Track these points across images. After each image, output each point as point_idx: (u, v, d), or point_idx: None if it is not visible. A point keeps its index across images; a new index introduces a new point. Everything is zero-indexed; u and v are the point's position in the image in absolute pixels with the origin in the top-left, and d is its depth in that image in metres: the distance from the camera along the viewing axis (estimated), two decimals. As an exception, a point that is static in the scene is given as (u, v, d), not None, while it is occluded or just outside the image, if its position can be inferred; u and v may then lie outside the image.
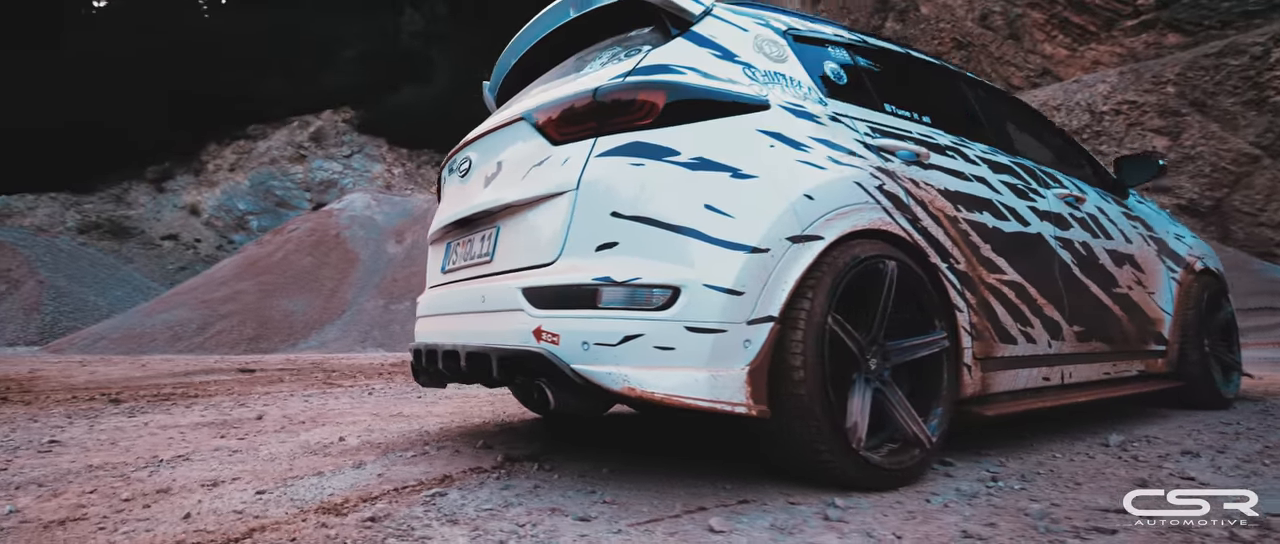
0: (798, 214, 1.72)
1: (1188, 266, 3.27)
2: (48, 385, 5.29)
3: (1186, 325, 3.16)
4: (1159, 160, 3.10)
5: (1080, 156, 3.16)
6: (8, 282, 16.16)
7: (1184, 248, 3.32)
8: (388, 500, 1.65)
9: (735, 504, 1.61)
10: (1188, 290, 3.22)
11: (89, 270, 18.73)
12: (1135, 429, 2.70)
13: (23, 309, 15.18)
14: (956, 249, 2.12)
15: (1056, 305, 2.48)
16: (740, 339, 1.60)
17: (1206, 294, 3.30)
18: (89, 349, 10.98)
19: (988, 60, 22.78)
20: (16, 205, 33.14)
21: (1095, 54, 18.60)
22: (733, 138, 1.76)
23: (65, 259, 18.48)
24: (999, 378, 2.27)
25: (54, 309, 15.46)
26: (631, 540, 1.36)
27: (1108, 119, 16.72)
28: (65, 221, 34.02)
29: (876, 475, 1.75)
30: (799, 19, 2.29)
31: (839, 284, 1.74)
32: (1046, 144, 3.10)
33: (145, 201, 39.24)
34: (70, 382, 5.70)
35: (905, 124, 2.23)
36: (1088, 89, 17.30)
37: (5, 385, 5.30)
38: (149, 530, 1.42)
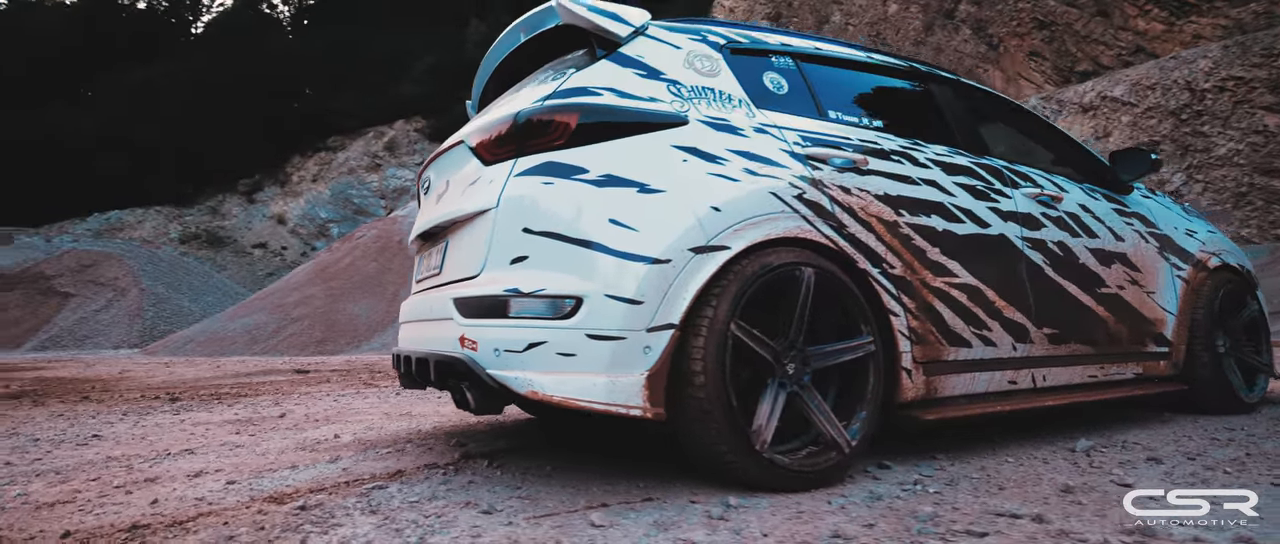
0: (702, 226, 1.80)
1: (1198, 264, 3.10)
2: (127, 385, 5.88)
3: (1195, 326, 3.01)
4: (1151, 154, 2.95)
5: (1072, 153, 3.06)
6: (115, 289, 17.85)
7: (1195, 244, 3.15)
8: (331, 492, 1.83)
9: (638, 501, 1.71)
10: (1197, 289, 3.06)
11: (185, 278, 20.40)
12: (1118, 434, 2.61)
13: (127, 315, 16.76)
14: (892, 254, 2.13)
15: (1020, 307, 2.44)
16: (640, 346, 1.70)
17: (1222, 292, 3.12)
18: (177, 351, 12.01)
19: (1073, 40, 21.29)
20: (127, 219, 36.32)
21: (1196, 27, 17.20)
22: (643, 154, 1.85)
23: (165, 268, 20.20)
24: (951, 381, 2.27)
25: (153, 314, 16.97)
26: (517, 532, 1.49)
27: (1210, 97, 15.44)
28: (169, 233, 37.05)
29: (783, 477, 1.81)
30: (745, 30, 2.35)
31: (745, 292, 1.81)
32: (1030, 142, 3.03)
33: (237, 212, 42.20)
34: (147, 382, 6.31)
35: (848, 130, 2.26)
36: (1186, 66, 16.05)
37: (92, 385, 5.93)
38: (117, 512, 1.65)
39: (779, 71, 2.30)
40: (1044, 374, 2.55)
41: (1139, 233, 2.94)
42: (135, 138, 33.23)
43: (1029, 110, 3.05)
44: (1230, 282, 3.18)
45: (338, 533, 1.48)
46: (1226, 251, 3.27)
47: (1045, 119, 3.08)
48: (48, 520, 1.63)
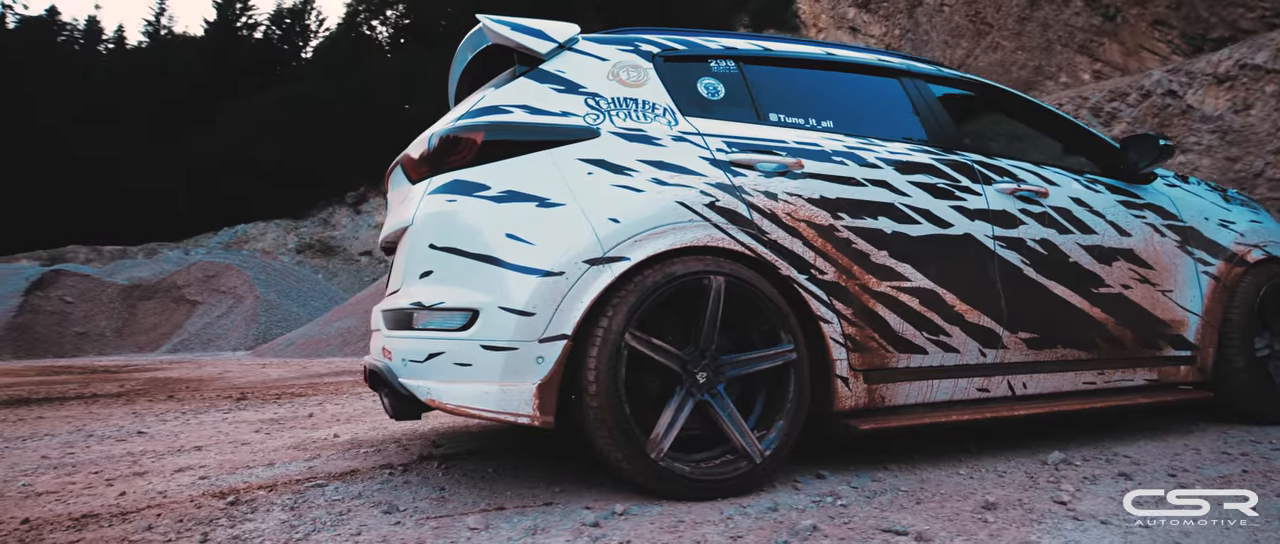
0: (599, 238, 1.83)
1: (1233, 258, 2.78)
2: (215, 385, 6.52)
3: (1228, 327, 2.71)
4: (1160, 140, 2.67)
5: (1078, 142, 2.83)
6: (234, 297, 19.76)
7: (1229, 236, 2.83)
8: (274, 489, 2.01)
9: (535, 506, 1.77)
10: (1232, 287, 2.75)
11: (295, 285, 22.23)
12: (1112, 446, 2.40)
13: (244, 320, 18.50)
14: (823, 259, 2.07)
15: (988, 311, 2.29)
16: (532, 356, 1.76)
17: (1266, 289, 2.78)
18: (281, 354, 13.13)
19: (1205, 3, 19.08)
20: (252, 232, 39.97)
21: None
22: (546, 169, 1.90)
23: (277, 276, 22.11)
24: (902, 390, 2.18)
25: (266, 319, 18.62)
26: (396, 532, 1.58)
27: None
28: (287, 244, 40.42)
29: (682, 485, 1.81)
30: (684, 36, 2.34)
31: (644, 302, 1.83)
32: (1029, 133, 2.82)
33: (345, 223, 45.43)
34: (234, 382, 6.96)
35: (786, 133, 2.21)
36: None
37: (186, 385, 6.62)
38: (86, 502, 1.89)
39: (717, 76, 2.28)
40: (1025, 381, 2.39)
41: (1153, 226, 2.68)
42: (257, 157, 36.47)
43: (1030, 100, 2.83)
44: (1276, 277, 2.83)
45: (245, 526, 1.64)
46: (1274, 243, 2.91)
47: (1050, 109, 2.86)
48: (23, 508, 1.88)
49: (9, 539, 1.57)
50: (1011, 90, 2.83)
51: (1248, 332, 2.73)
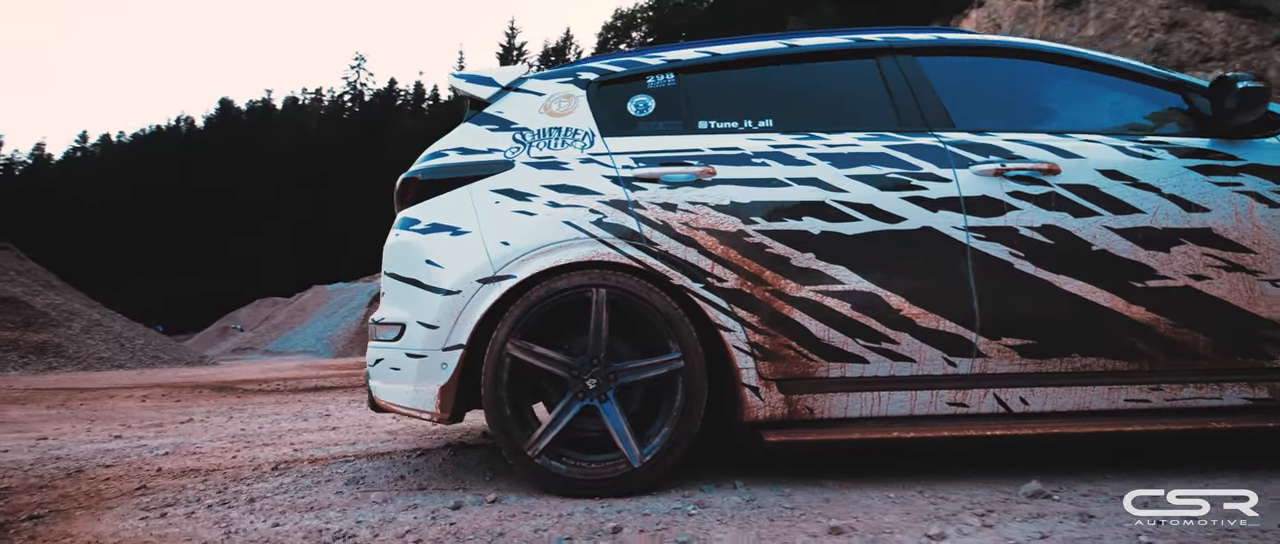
0: (491, 259, 2.08)
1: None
2: (297, 384, 7.88)
3: None
4: (1244, 81, 1.95)
5: (1144, 96, 2.24)
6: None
7: None
8: (272, 468, 2.63)
9: (448, 490, 2.11)
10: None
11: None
12: (1115, 482, 1.91)
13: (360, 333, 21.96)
14: (723, 266, 2.04)
15: (953, 314, 2.01)
16: (438, 363, 2.08)
17: None
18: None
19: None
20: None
21: None
22: (463, 202, 2.21)
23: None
24: (837, 401, 2.05)
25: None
26: (334, 496, 2.04)
27: None
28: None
29: (557, 482, 1.98)
30: (629, 58, 2.45)
31: (527, 314, 2.03)
32: (1053, 95, 2.31)
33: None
34: (306, 381, 8.42)
35: (703, 140, 2.20)
36: None
37: (276, 382, 8.18)
38: (25, 466, 2.70)
39: (651, 92, 2.35)
40: (1023, 396, 2.03)
41: (1255, 195, 2.02)
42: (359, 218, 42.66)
43: (1080, 56, 2.31)
44: None
45: (259, 486, 2.24)
46: None
47: (1108, 61, 2.29)
48: (278, 451, 2.77)
49: (256, 469, 2.40)
50: (1052, 47, 2.35)
51: None
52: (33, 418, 4.65)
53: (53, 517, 1.95)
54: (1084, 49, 2.35)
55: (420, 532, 1.67)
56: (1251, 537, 1.44)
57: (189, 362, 15.61)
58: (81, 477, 2.49)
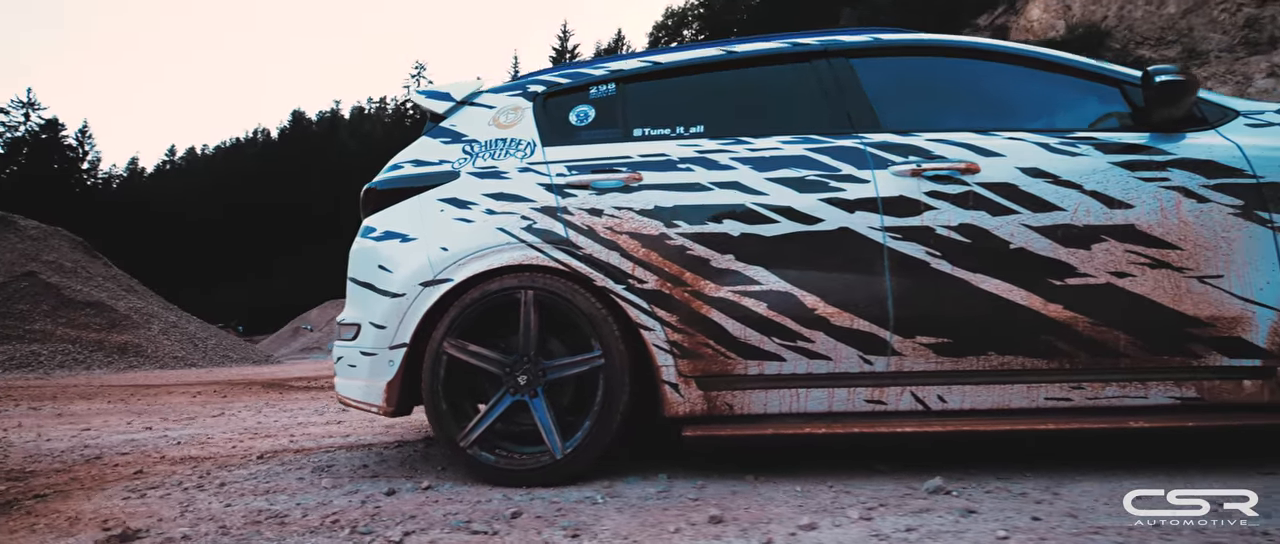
0: (432, 263, 2.25)
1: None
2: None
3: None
4: (1165, 74, 1.90)
5: (1080, 91, 2.21)
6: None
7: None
8: (257, 457, 2.86)
9: (398, 478, 2.28)
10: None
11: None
12: (1029, 480, 1.91)
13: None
14: (644, 268, 2.14)
15: (866, 313, 2.05)
16: (386, 360, 2.26)
17: None
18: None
19: None
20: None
21: None
22: (413, 211, 2.38)
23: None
24: (756, 398, 2.12)
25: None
26: (292, 481, 2.25)
27: None
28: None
29: (486, 471, 2.12)
30: (574, 68, 2.58)
31: (463, 315, 2.19)
32: (988, 92, 2.31)
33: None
34: None
35: (635, 147, 2.31)
36: None
37: (324, 380, 8.52)
38: (55, 453, 2.97)
39: (593, 102, 2.47)
40: (941, 394, 2.05)
41: (1182, 190, 1.98)
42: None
43: (1017, 52, 2.29)
44: None
45: (238, 472, 2.48)
46: None
47: (1047, 57, 2.27)
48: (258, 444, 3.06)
49: (244, 458, 2.68)
50: (990, 44, 2.34)
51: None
52: (91, 411, 5.13)
53: (54, 496, 2.22)
54: (1022, 45, 2.33)
55: (345, 513, 1.84)
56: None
57: (255, 361, 16.62)
58: (97, 463, 2.80)
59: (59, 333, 13.24)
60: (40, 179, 53.18)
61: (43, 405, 5.74)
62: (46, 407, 5.61)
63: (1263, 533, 1.43)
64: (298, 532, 1.70)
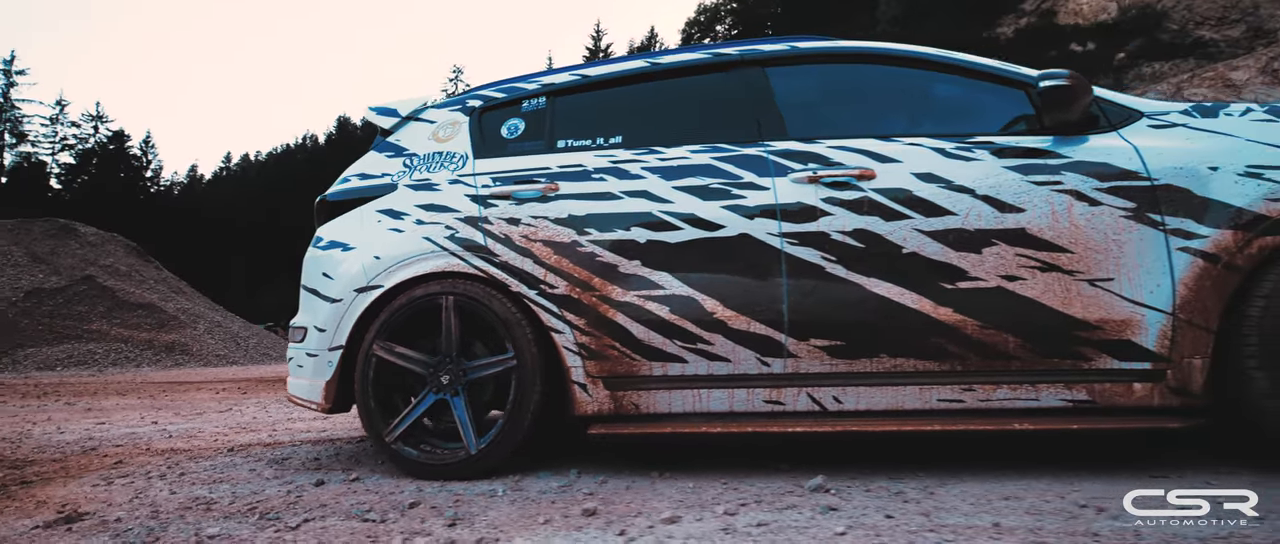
0: (365, 270, 2.41)
1: (1257, 224, 1.86)
2: None
3: (1246, 326, 1.85)
4: (1050, 79, 1.91)
5: (984, 95, 2.23)
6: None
7: (1261, 189, 1.88)
8: (225, 450, 3.07)
9: (334, 471, 2.45)
10: (1252, 267, 1.86)
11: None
12: (919, 480, 1.95)
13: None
14: (555, 274, 2.26)
15: (761, 316, 2.12)
16: (327, 361, 2.43)
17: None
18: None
19: None
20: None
21: None
22: (354, 222, 2.54)
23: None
24: (660, 398, 2.22)
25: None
26: (242, 472, 2.44)
27: None
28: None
29: (409, 465, 2.27)
30: (511, 83, 2.71)
31: (391, 318, 2.34)
32: (896, 97, 2.34)
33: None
34: None
35: (555, 159, 2.42)
36: None
37: None
38: (60, 444, 3.21)
39: (523, 115, 2.60)
40: (836, 396, 2.11)
41: (1073, 193, 1.99)
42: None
43: (924, 57, 2.32)
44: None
45: (216, 460, 2.69)
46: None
47: (952, 60, 2.29)
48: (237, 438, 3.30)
49: (216, 450, 2.92)
50: (902, 50, 2.37)
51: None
52: (117, 407, 5.51)
53: (39, 482, 2.47)
54: (937, 51, 2.35)
55: (267, 502, 2.01)
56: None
57: (295, 359, 17.36)
58: (91, 454, 3.06)
59: (113, 333, 14.07)
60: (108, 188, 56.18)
61: (79, 401, 6.18)
62: (82, 402, 6.04)
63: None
64: (216, 516, 1.87)
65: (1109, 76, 19.19)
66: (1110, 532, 1.48)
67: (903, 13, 27.63)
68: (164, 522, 1.83)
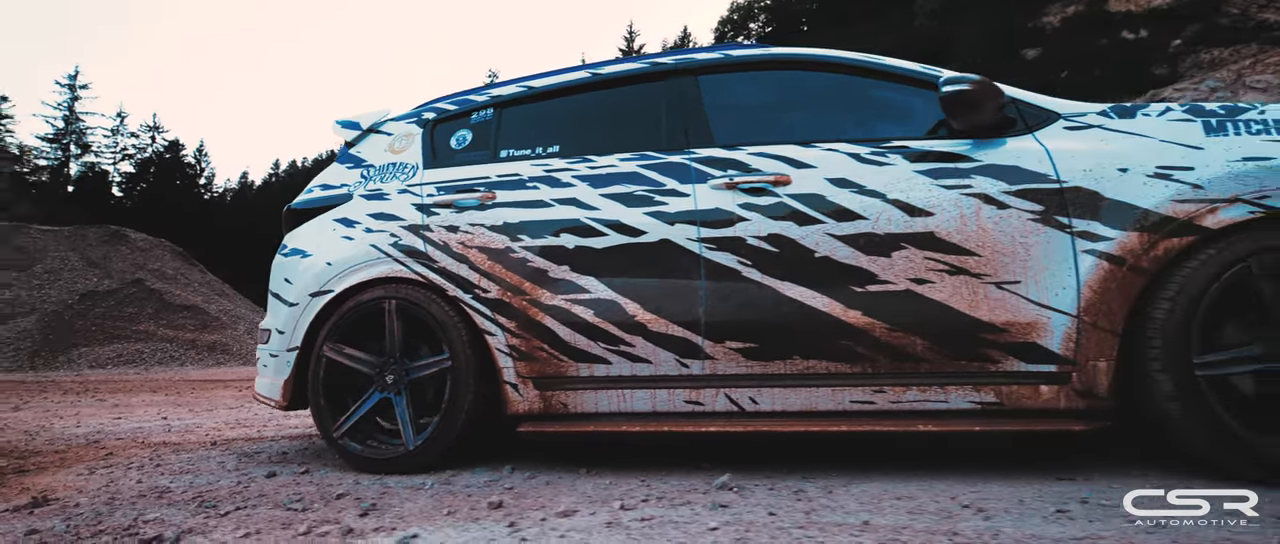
0: (319, 276, 2.55)
1: (1163, 225, 1.84)
2: None
3: (1150, 328, 1.84)
4: (943, 85, 1.92)
5: (910, 100, 2.25)
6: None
7: (1166, 191, 1.85)
8: (209, 444, 3.26)
9: (286, 464, 2.61)
10: (1155, 269, 1.85)
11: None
12: (830, 479, 1.99)
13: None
14: (488, 279, 2.36)
15: (678, 319, 2.19)
16: (286, 361, 2.59)
17: (1234, 271, 1.78)
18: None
19: None
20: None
21: None
22: (313, 230, 2.70)
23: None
24: (587, 398, 2.30)
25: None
26: (214, 464, 2.62)
27: None
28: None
29: (355, 460, 2.41)
30: (463, 96, 2.83)
31: (340, 322, 2.48)
32: (824, 103, 2.37)
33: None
34: None
35: (495, 168, 2.53)
36: None
37: None
38: (70, 438, 3.43)
39: (472, 126, 2.71)
40: (753, 397, 2.17)
41: (982, 197, 2.01)
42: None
43: (852, 63, 2.34)
44: (1254, 253, 1.77)
45: (196, 452, 2.88)
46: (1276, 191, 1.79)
47: (878, 66, 2.30)
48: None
49: (198, 444, 3.14)
50: (826, 55, 2.40)
51: (1186, 340, 1.80)
52: (144, 403, 5.85)
53: (34, 472, 2.68)
54: (865, 56, 2.38)
55: (216, 492, 2.17)
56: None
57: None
58: (92, 447, 3.30)
59: (160, 333, 14.81)
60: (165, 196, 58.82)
61: (111, 398, 6.57)
62: (113, 399, 6.42)
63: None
64: (163, 503, 2.03)
65: (1165, 65, 18.41)
66: (971, 531, 1.50)
67: (942, 5, 26.97)
68: (114, 507, 2.00)
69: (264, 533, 1.71)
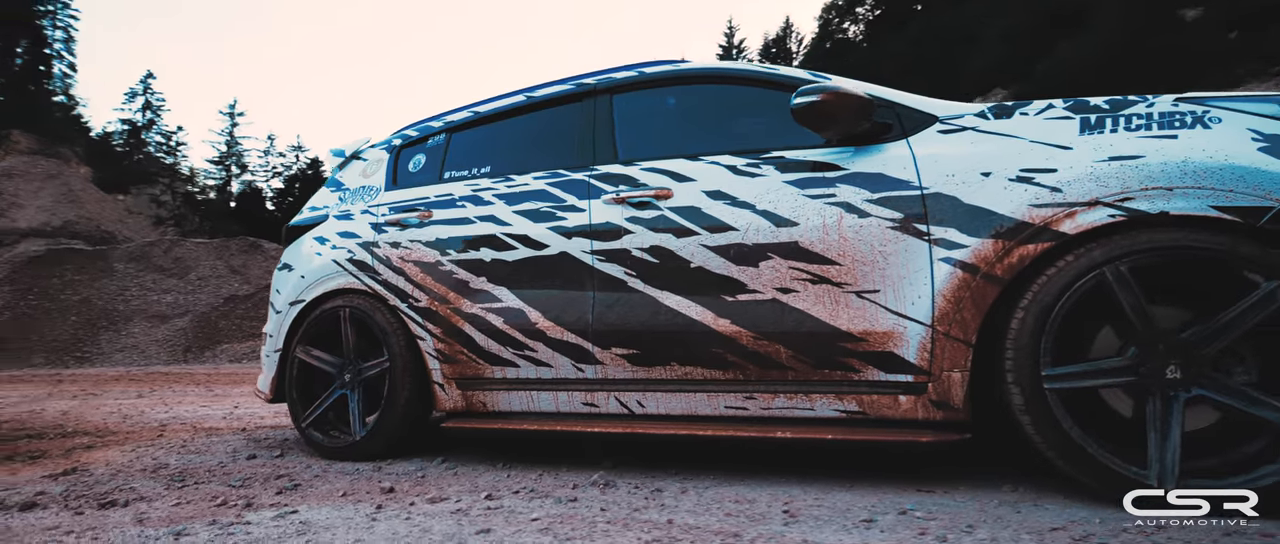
0: (295, 287, 2.93)
1: (1019, 231, 1.77)
2: None
3: (1019, 339, 1.80)
4: (796, 95, 1.91)
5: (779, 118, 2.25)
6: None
7: (1026, 195, 1.78)
8: (247, 430, 3.75)
9: (260, 448, 3.01)
10: (1010, 276, 1.79)
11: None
12: (695, 481, 2.06)
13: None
14: (419, 290, 2.63)
15: (572, 327, 2.35)
16: (275, 361, 2.99)
17: (1091, 278, 1.71)
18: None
19: None
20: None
21: None
22: (298, 246, 3.09)
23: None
24: (501, 398, 2.52)
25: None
26: (209, 461, 3.08)
27: None
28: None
29: (318, 449, 2.75)
30: (422, 123, 3.12)
31: (309, 327, 2.85)
32: (722, 117, 2.42)
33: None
34: None
35: (436, 189, 2.79)
36: None
37: None
38: (136, 420, 3.99)
39: (426, 150, 3.00)
40: (639, 400, 2.29)
41: (845, 206, 2.01)
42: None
43: (743, 74, 2.38)
44: (1126, 253, 1.67)
45: (198, 440, 3.39)
46: (1155, 190, 1.68)
47: (770, 77, 2.33)
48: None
49: (194, 432, 3.71)
50: (725, 69, 2.46)
51: (1036, 347, 1.74)
52: (241, 393, 6.71)
53: (99, 447, 3.26)
54: (762, 67, 2.41)
55: (199, 469, 2.58)
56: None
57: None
58: (157, 428, 3.91)
59: (287, 332, 16.67)
60: (307, 205, 65.48)
61: (217, 389, 7.55)
62: (218, 390, 7.39)
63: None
64: (148, 476, 2.46)
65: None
66: (759, 534, 1.56)
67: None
68: (113, 478, 2.45)
69: (194, 503, 2.06)
